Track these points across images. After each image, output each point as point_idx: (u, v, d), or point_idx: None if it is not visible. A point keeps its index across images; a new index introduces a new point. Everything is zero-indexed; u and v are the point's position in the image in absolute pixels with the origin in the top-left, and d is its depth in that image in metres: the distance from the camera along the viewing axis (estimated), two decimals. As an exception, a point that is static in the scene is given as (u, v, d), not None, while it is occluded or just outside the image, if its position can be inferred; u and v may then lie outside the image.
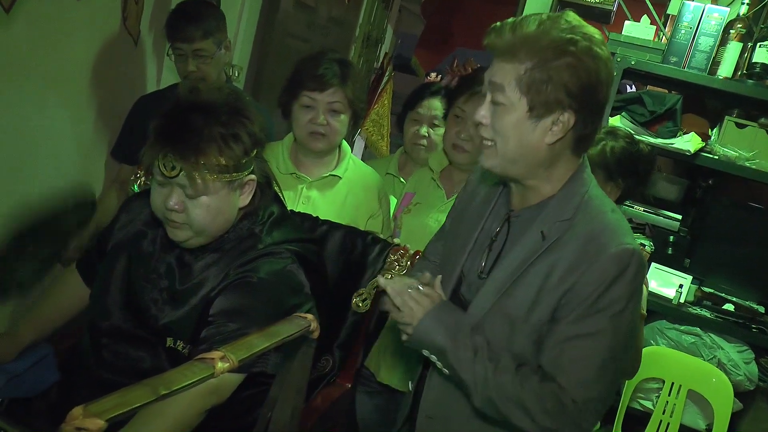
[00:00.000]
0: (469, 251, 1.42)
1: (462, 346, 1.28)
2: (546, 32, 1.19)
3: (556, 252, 1.25)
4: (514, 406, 1.24)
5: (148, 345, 1.47)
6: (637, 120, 2.62)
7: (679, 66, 2.56)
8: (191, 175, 1.35)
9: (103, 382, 1.48)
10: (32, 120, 1.98)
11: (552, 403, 1.22)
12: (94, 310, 1.55)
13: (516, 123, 1.23)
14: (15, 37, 1.82)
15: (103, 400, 0.66)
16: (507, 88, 1.22)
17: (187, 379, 0.73)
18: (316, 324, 0.98)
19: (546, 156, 1.26)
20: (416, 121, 2.44)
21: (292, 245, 1.52)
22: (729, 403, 2.49)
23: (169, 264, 1.50)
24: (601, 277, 1.21)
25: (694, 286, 2.75)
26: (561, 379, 1.22)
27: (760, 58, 2.43)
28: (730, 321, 2.61)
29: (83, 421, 0.62)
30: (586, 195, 1.29)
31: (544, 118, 1.22)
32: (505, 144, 1.26)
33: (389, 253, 1.82)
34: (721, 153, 2.58)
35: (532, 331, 1.27)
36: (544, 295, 1.25)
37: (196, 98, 1.39)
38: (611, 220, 1.27)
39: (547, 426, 1.23)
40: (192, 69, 2.14)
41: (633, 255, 1.22)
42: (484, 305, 1.31)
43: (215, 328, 1.37)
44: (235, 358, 0.79)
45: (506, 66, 1.23)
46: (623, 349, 1.27)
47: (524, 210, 1.34)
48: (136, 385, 0.70)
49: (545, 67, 1.19)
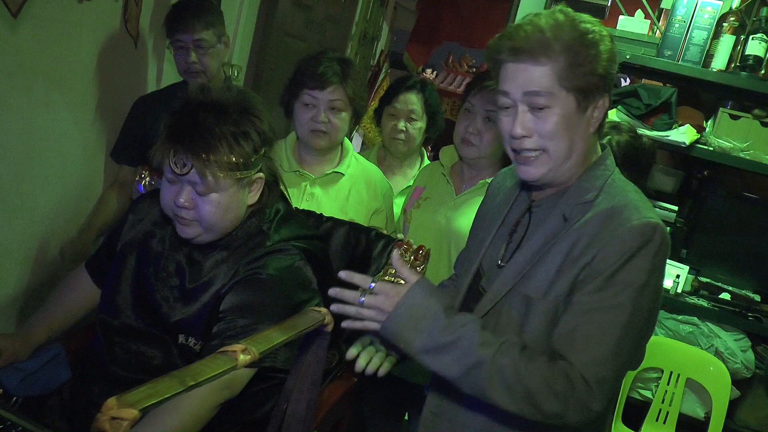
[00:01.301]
0: (488, 245, 1.41)
1: (454, 322, 1.20)
2: (569, 26, 1.20)
3: (579, 230, 1.22)
4: (512, 391, 1.14)
5: (160, 342, 1.49)
6: (633, 113, 2.65)
7: (674, 59, 2.60)
8: (202, 172, 1.37)
9: (116, 379, 1.51)
10: (39, 122, 2.00)
11: (562, 385, 1.13)
12: (106, 309, 1.57)
13: (567, 121, 1.22)
14: (22, 41, 1.84)
15: (135, 392, 0.69)
16: (550, 89, 1.20)
17: (212, 371, 0.76)
18: (330, 317, 1.01)
19: (589, 145, 1.27)
20: (393, 115, 2.47)
21: (299, 242, 1.55)
22: (727, 390, 2.52)
23: (179, 262, 1.53)
24: (621, 249, 1.16)
25: (691, 276, 2.79)
26: (572, 356, 1.14)
27: (753, 51, 2.47)
28: (727, 310, 2.65)
29: (119, 411, 0.65)
30: (609, 178, 1.28)
31: (588, 108, 1.23)
32: (558, 146, 1.23)
33: (393, 248, 1.85)
34: (716, 144, 2.62)
35: (548, 309, 1.22)
36: (564, 271, 1.21)
37: (207, 97, 1.42)
38: (634, 198, 1.24)
39: (553, 411, 1.13)
40: (193, 60, 2.14)
41: (656, 229, 1.18)
42: (502, 290, 1.28)
43: (226, 324, 1.40)
44: (256, 350, 0.82)
45: (538, 68, 1.20)
46: (641, 329, 1.20)
47: (545, 199, 1.33)
48: (165, 377, 0.73)
49: (579, 59, 1.19)
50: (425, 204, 2.11)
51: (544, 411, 1.14)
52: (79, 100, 2.15)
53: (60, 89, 2.04)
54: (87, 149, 2.26)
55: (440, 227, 2.02)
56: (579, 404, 1.13)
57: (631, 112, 2.66)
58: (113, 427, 0.65)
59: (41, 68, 1.94)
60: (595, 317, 1.15)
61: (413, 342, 1.20)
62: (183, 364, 1.46)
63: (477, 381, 1.16)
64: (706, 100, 2.99)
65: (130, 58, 2.33)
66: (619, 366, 1.17)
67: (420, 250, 1.84)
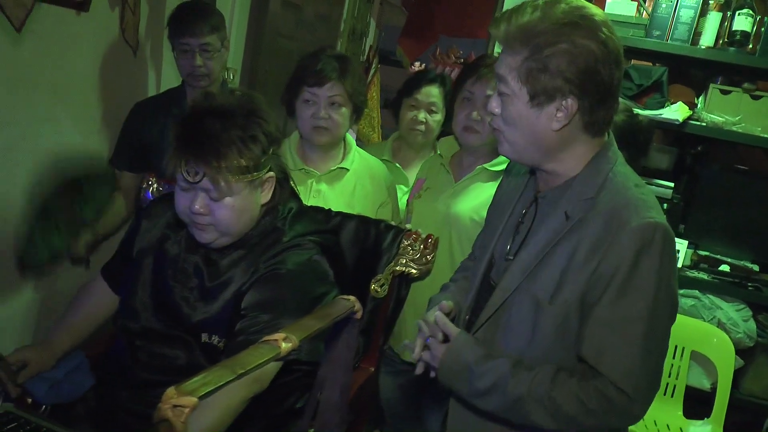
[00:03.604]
0: (498, 235, 1.44)
1: (488, 370, 1.28)
2: (541, 19, 1.19)
3: (580, 231, 1.23)
4: (554, 418, 1.22)
5: (183, 342, 1.52)
6: (626, 94, 2.69)
7: (662, 39, 2.64)
8: (214, 179, 1.40)
9: (141, 382, 1.54)
10: (44, 135, 2.02)
11: (596, 403, 1.19)
12: (126, 314, 1.60)
13: (520, 112, 1.24)
14: (24, 55, 1.86)
15: (191, 381, 0.72)
16: (508, 79, 1.23)
17: (257, 359, 0.79)
18: (359, 305, 1.04)
19: (556, 141, 1.26)
20: (413, 106, 2.51)
21: (314, 236, 1.58)
22: (731, 361, 2.55)
23: (196, 263, 1.55)
24: (623, 253, 1.17)
25: (690, 250, 2.83)
26: (605, 371, 1.19)
27: (740, 26, 2.52)
28: (727, 281, 2.69)
29: (179, 399, 0.68)
30: (610, 173, 1.26)
31: (547, 105, 1.21)
32: (513, 133, 1.27)
33: (402, 238, 1.88)
34: (709, 120, 2.66)
35: (557, 314, 1.24)
36: (569, 276, 1.23)
37: (212, 103, 1.44)
38: (634, 196, 1.23)
39: (594, 426, 1.21)
40: (198, 64, 2.15)
41: (656, 228, 1.17)
42: (510, 286, 1.31)
43: (249, 320, 1.43)
44: (296, 338, 0.85)
45: (506, 57, 1.24)
46: (664, 329, 1.23)
47: (550, 191, 1.34)
48: (216, 367, 0.76)
49: (540, 55, 1.18)
50: (426, 194, 2.15)
51: (586, 427, 1.22)
52: (83, 111, 2.17)
53: (63, 102, 2.06)
54: (93, 160, 2.28)
55: (440, 214, 2.05)
56: (620, 414, 1.21)
57: (623, 93, 2.70)
58: (176, 414, 0.68)
59: (44, 82, 1.96)
60: (617, 329, 1.19)
61: (462, 391, 1.34)
62: (206, 363, 1.50)
63: (522, 414, 1.26)
64: (696, 77, 3.03)
65: (129, 67, 2.35)
66: (651, 368, 1.22)
67: (429, 239, 1.88)
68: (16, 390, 1.56)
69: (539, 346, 1.28)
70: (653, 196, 1.27)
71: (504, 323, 1.33)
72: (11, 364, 1.54)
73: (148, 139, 2.26)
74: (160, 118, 2.25)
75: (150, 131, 2.26)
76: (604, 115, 1.25)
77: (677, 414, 2.61)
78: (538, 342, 1.28)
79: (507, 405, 1.27)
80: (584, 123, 1.24)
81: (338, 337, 1.09)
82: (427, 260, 1.86)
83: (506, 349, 1.33)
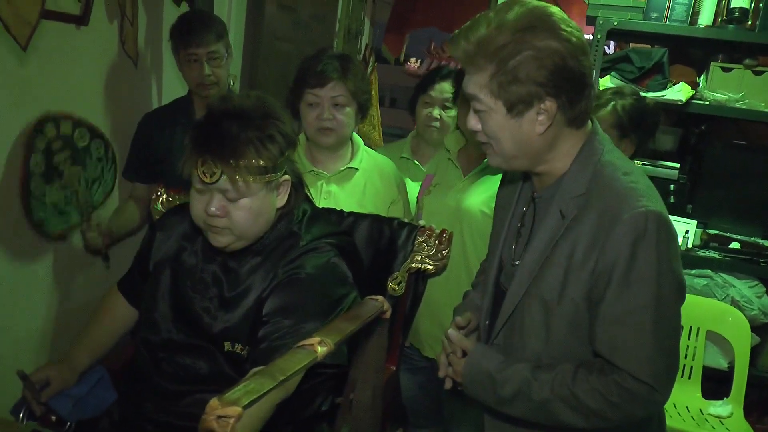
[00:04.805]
0: (503, 239, 1.44)
1: (508, 377, 1.30)
2: (498, 31, 1.17)
3: (576, 229, 1.23)
4: (581, 414, 1.24)
5: (206, 352, 1.52)
6: (627, 77, 2.70)
7: (661, 20, 2.64)
8: (232, 178, 1.39)
9: (166, 393, 1.53)
10: (51, 152, 2.02)
11: (617, 396, 1.21)
12: (146, 327, 1.59)
13: (500, 125, 1.23)
14: (29, 73, 1.86)
15: (233, 390, 0.72)
16: (480, 96, 1.23)
17: (296, 365, 0.79)
18: (388, 305, 1.04)
19: (543, 144, 1.25)
20: (428, 103, 2.52)
21: (330, 239, 1.57)
22: (747, 338, 2.56)
23: (214, 272, 1.55)
24: (619, 247, 1.17)
25: (699, 230, 2.84)
26: (621, 363, 1.20)
27: (738, 3, 2.52)
28: (738, 259, 2.70)
29: (224, 410, 0.68)
30: (598, 164, 1.26)
31: (526, 112, 1.21)
32: (500, 144, 1.27)
33: (416, 235, 1.88)
34: (712, 98, 2.66)
35: (567, 313, 1.26)
36: (572, 275, 1.23)
37: (229, 105, 1.44)
38: (624, 186, 1.22)
39: (619, 418, 1.23)
40: (207, 73, 2.16)
41: (648, 217, 1.17)
42: (519, 291, 1.32)
43: (272, 326, 1.42)
44: (331, 341, 0.85)
45: (472, 76, 1.23)
46: (673, 313, 1.23)
47: (545, 190, 1.34)
48: (256, 376, 0.76)
49: (506, 67, 1.17)
50: (435, 190, 2.15)
51: (613, 420, 1.24)
52: (88, 126, 2.17)
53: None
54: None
55: (451, 209, 2.05)
56: (642, 403, 1.22)
57: (624, 76, 2.70)
58: (221, 425, 0.68)
59: (49, 97, 1.96)
60: (627, 323, 1.20)
61: (488, 400, 1.35)
62: (230, 371, 1.50)
63: (551, 416, 1.28)
64: (696, 57, 3.03)
65: (131, 79, 2.35)
66: (666, 353, 1.22)
67: (443, 234, 1.88)
68: (40, 408, 1.57)
69: (556, 345, 1.30)
70: (645, 180, 1.27)
71: (519, 327, 1.35)
72: (35, 383, 1.54)
73: (157, 149, 2.27)
74: (168, 128, 2.27)
75: (159, 141, 2.27)
76: (585, 105, 1.25)
77: (696, 395, 2.61)
78: (555, 341, 1.30)
79: (534, 409, 1.29)
80: (567, 119, 1.24)
81: (368, 337, 1.08)
82: (443, 256, 1.86)
83: (525, 351, 1.34)
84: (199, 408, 0.89)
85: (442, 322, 1.99)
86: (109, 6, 2.15)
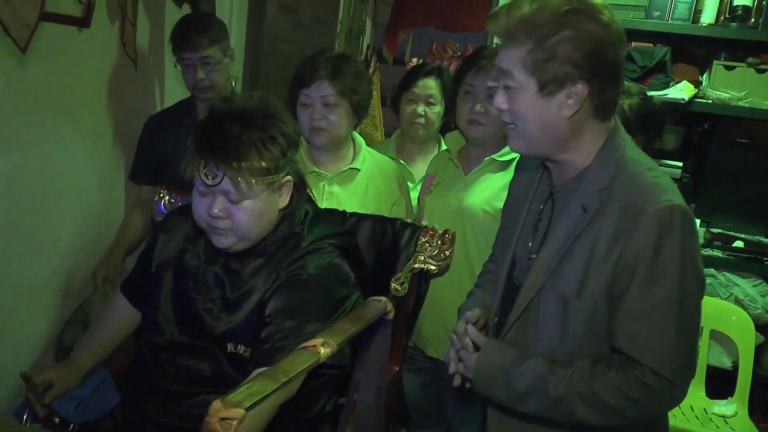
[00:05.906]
0: (518, 234, 1.43)
1: (523, 371, 1.28)
2: (541, 9, 1.19)
3: (598, 223, 1.23)
4: (598, 411, 1.23)
5: (208, 353, 1.52)
6: (630, 76, 2.69)
7: (663, 19, 2.64)
8: (234, 180, 1.39)
9: (169, 395, 1.53)
10: (53, 155, 2.01)
11: (636, 391, 1.20)
12: (149, 328, 1.60)
13: (530, 104, 1.24)
14: (30, 76, 1.85)
15: (236, 392, 0.72)
16: (514, 72, 1.23)
17: (299, 366, 0.79)
18: (391, 306, 1.03)
19: (568, 130, 1.25)
20: (412, 100, 2.51)
21: (332, 239, 1.57)
22: (751, 337, 2.55)
23: (217, 274, 1.55)
24: (644, 241, 1.17)
25: (703, 228, 2.83)
26: (642, 359, 1.20)
27: (741, 1, 2.51)
28: (742, 257, 2.69)
29: (227, 412, 0.68)
30: (621, 159, 1.26)
31: (557, 93, 1.21)
32: (525, 125, 1.26)
33: (419, 235, 1.87)
34: (715, 96, 2.66)
35: (586, 308, 1.25)
36: (593, 269, 1.23)
37: (231, 107, 1.44)
38: (647, 180, 1.23)
39: (638, 414, 1.23)
40: (201, 77, 2.17)
41: (673, 210, 1.17)
42: (535, 285, 1.31)
43: (274, 327, 1.42)
44: (334, 342, 0.84)
45: (509, 51, 1.23)
46: (695, 310, 1.23)
47: (564, 184, 1.33)
48: (259, 377, 0.76)
49: (545, 44, 1.18)
50: (436, 189, 2.14)
51: (631, 417, 1.23)
52: (90, 128, 2.17)
53: (70, 120, 2.06)
54: (102, 176, 2.28)
55: (452, 209, 2.05)
56: (662, 399, 1.22)
57: (627, 75, 2.69)
58: (224, 427, 0.67)
59: (50, 101, 1.96)
60: (650, 318, 1.19)
61: (500, 396, 1.34)
62: (233, 373, 1.50)
63: (567, 413, 1.26)
64: (698, 55, 3.02)
65: (132, 80, 2.35)
66: (686, 350, 1.22)
67: (446, 234, 1.88)
68: (43, 410, 1.56)
69: (571, 340, 1.28)
70: (667, 177, 1.27)
71: (533, 322, 1.33)
72: (38, 385, 1.54)
73: (162, 152, 2.28)
74: (172, 129, 2.28)
75: (163, 143, 2.28)
76: (613, 96, 1.26)
77: (700, 395, 2.60)
78: (570, 337, 1.28)
79: (550, 406, 1.27)
80: (594, 107, 1.24)
81: (371, 338, 1.08)
82: (446, 256, 1.86)
83: (538, 346, 1.32)
84: (202, 409, 0.89)
85: (445, 322, 1.99)
86: (110, 8, 2.15)
